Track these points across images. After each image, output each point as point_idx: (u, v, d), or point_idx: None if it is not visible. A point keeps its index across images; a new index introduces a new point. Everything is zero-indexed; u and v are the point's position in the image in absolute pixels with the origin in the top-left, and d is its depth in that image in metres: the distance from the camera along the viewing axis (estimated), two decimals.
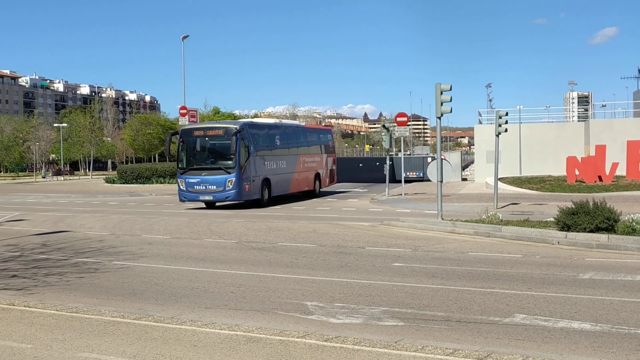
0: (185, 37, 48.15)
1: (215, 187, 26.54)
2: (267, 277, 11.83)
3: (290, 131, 33.37)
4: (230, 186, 26.46)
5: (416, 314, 8.83)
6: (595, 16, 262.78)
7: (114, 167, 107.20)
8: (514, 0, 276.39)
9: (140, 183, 51.71)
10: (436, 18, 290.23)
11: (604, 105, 59.06)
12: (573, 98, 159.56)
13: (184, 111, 41.09)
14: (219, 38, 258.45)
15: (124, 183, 52.55)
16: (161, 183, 50.99)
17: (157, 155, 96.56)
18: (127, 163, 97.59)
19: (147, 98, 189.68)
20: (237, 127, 27.15)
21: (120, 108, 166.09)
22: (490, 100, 74.07)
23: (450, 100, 19.40)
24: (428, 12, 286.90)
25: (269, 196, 29.24)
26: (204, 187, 26.72)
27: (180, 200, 27.80)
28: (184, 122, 40.05)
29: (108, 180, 56.76)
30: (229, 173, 26.57)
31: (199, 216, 24.26)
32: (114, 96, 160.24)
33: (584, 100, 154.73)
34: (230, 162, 26.81)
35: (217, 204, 28.02)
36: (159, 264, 13.56)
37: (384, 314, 8.83)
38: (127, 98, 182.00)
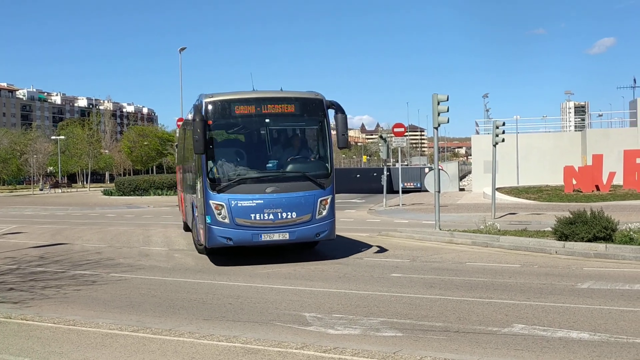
0: (182, 50, 48.28)
1: (294, 214, 14.12)
2: (265, 289, 11.81)
3: None
4: (324, 212, 14.43)
5: (414, 325, 8.81)
6: (593, 26, 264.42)
7: (111, 179, 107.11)
8: (514, 10, 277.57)
9: (138, 195, 51.68)
10: (432, 27, 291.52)
11: (600, 115, 59.20)
12: (570, 108, 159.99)
13: (181, 123, 41.09)
14: (216, 48, 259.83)
15: (121, 195, 52.52)
16: (159, 195, 50.98)
17: (154, 167, 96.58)
18: (124, 175, 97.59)
19: (145, 110, 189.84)
20: (321, 97, 14.81)
21: (118, 120, 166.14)
22: (487, 111, 74.17)
23: (447, 111, 19.43)
24: (420, 20, 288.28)
25: None
26: (271, 217, 14.02)
27: (210, 245, 14.45)
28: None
29: (106, 193, 56.77)
30: (321, 186, 14.47)
31: None
32: (111, 108, 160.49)
33: (580, 110, 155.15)
34: (319, 163, 14.85)
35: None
36: (156, 276, 13.53)
37: (382, 325, 8.81)
38: (124, 110, 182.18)
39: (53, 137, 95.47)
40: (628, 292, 10.62)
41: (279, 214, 14.08)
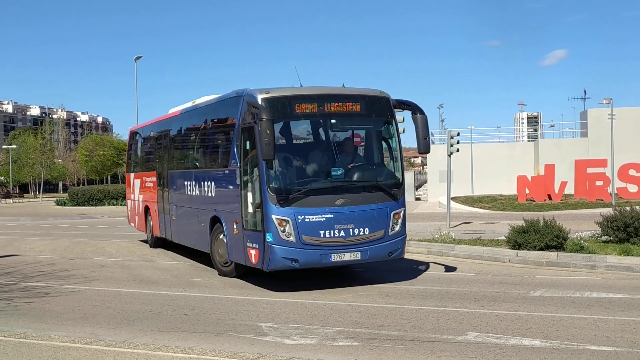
0: (137, 58, 47.86)
1: (367, 230, 12.19)
2: (221, 299, 11.76)
3: None
4: (397, 227, 12.64)
5: (370, 334, 8.86)
6: (546, 38, 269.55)
7: (65, 189, 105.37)
8: (469, 22, 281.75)
9: (92, 205, 50.97)
10: (383, 35, 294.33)
11: (552, 126, 60.38)
12: (523, 118, 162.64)
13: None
14: (173, 55, 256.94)
15: (75, 205, 51.75)
16: (113, 205, 50.34)
17: (109, 177, 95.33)
18: (78, 185, 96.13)
19: (100, 119, 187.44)
20: (387, 95, 13.06)
21: (72, 129, 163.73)
22: (443, 121, 75.10)
23: (403, 121, 19.63)
24: (374, 26, 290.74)
25: None
26: (342, 234, 12.01)
27: (270, 268, 12.03)
28: None
29: (59, 203, 55.87)
30: (393, 197, 12.67)
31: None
32: (65, 117, 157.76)
33: (533, 121, 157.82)
34: (390, 171, 13.04)
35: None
36: (111, 287, 13.36)
37: (338, 334, 8.85)
38: (78, 119, 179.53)
39: (4, 147, 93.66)
40: (579, 300, 10.84)
41: (351, 230, 12.04)
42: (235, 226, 13.01)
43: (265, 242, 11.79)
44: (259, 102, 11.80)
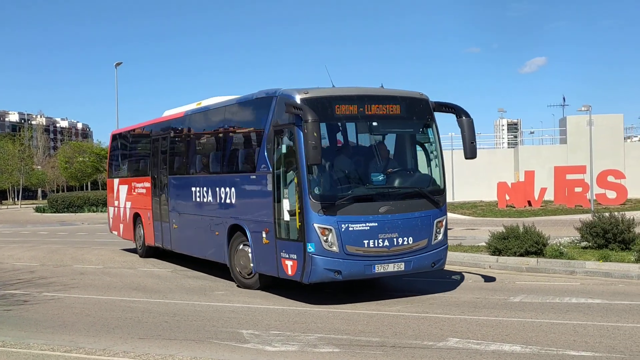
0: (118, 64, 47.72)
1: (411, 240, 11.62)
2: (202, 306, 11.72)
3: None
4: (440, 236, 12.13)
5: (351, 340, 8.88)
6: (525, 46, 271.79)
7: (44, 196, 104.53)
8: (447, 29, 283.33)
9: (71, 212, 50.61)
10: (363, 40, 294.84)
11: (532, 132, 60.94)
12: (503, 125, 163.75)
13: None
14: (154, 60, 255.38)
15: (54, 212, 51.35)
16: (93, 212, 50.02)
17: (89, 184, 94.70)
18: (58, 192, 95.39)
19: (79, 125, 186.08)
20: (426, 96, 12.57)
21: (52, 135, 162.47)
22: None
23: None
24: (353, 32, 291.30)
25: None
26: (386, 244, 11.38)
27: (311, 280, 11.22)
28: None
29: (38, 210, 55.40)
30: (436, 204, 12.13)
31: (132, 245, 23.84)
32: (44, 123, 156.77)
33: (513, 128, 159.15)
34: (432, 176, 12.45)
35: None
36: (91, 295, 13.27)
37: (319, 341, 8.85)
38: (58, 125, 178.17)
39: None
40: (558, 305, 10.92)
41: (395, 239, 11.41)
42: (264, 235, 12.16)
43: (306, 252, 11.02)
44: (299, 102, 11.08)
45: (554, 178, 34.58)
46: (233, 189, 13.56)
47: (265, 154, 12.10)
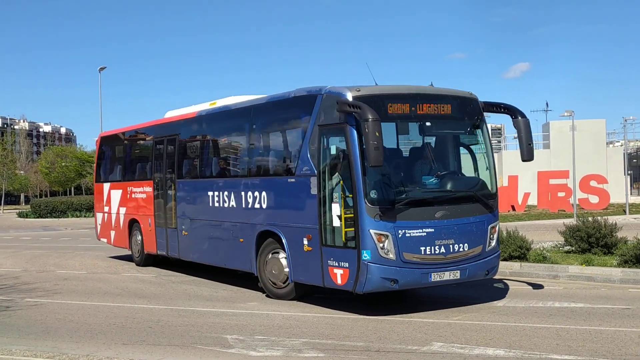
0: (102, 69, 47.48)
1: (466, 246, 11.08)
2: (186, 311, 11.68)
3: None
4: (493, 242, 11.63)
5: (336, 345, 8.89)
6: (509, 51, 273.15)
7: (27, 201, 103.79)
8: (431, 34, 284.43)
9: (55, 217, 50.27)
10: (348, 44, 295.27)
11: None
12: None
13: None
14: (138, 63, 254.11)
15: (38, 217, 50.97)
16: (77, 217, 49.72)
17: (72, 189, 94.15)
18: (41, 197, 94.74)
19: (63, 130, 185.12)
20: (475, 96, 12.07)
21: (35, 140, 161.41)
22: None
23: None
24: (337, 33, 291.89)
25: None
26: (442, 250, 10.83)
27: (365, 290, 10.59)
28: None
29: (21, 215, 54.94)
30: (490, 209, 11.64)
31: (115, 250, 23.72)
32: (27, 128, 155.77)
33: (497, 133, 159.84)
34: (484, 180, 11.94)
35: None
36: (74, 300, 13.19)
37: (304, 346, 8.85)
38: (41, 130, 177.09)
39: None
40: (541, 309, 10.99)
41: (451, 246, 10.83)
42: (306, 242, 11.42)
43: (361, 260, 10.34)
44: (352, 100, 10.46)
45: (537, 183, 34.78)
46: (264, 194, 12.73)
47: (308, 155, 11.35)
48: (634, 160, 70.01)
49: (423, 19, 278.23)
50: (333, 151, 11.13)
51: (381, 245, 10.35)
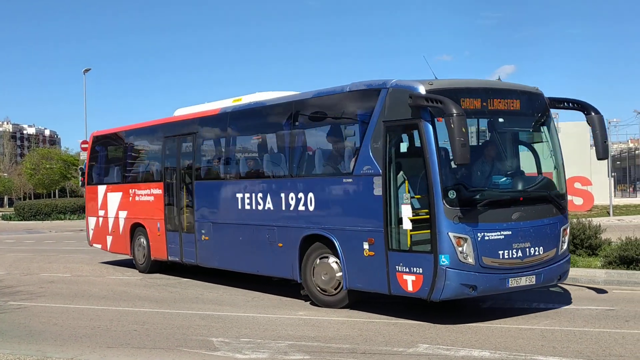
0: (86, 71, 47.27)
1: (541, 249, 10.49)
2: (172, 314, 11.64)
3: None
4: (565, 245, 11.07)
5: (322, 347, 8.88)
6: (495, 54, 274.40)
7: (11, 204, 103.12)
8: (417, 36, 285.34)
9: (39, 220, 49.89)
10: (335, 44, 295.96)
11: None
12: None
13: (86, 145, 40.01)
14: (123, 63, 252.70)
15: (21, 220, 50.57)
16: (61, 219, 49.38)
17: (57, 191, 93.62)
18: (25, 199, 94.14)
19: (47, 132, 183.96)
20: (540, 91, 11.43)
21: (19, 142, 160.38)
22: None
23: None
24: (326, 31, 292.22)
25: None
26: (519, 254, 10.23)
27: (442, 297, 9.89)
28: (86, 157, 38.79)
29: (4, 217, 54.51)
30: (562, 210, 11.06)
31: (100, 253, 23.56)
32: (11, 130, 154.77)
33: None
34: (554, 180, 11.35)
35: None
36: (58, 303, 13.11)
37: (290, 348, 8.84)
38: (25, 132, 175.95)
39: None
40: (526, 311, 11.03)
41: (527, 249, 10.25)
42: (367, 246, 10.67)
43: (438, 265, 9.66)
44: (426, 94, 9.80)
45: None
46: (310, 195, 11.83)
47: (371, 153, 10.56)
48: (618, 163, 70.65)
49: (407, 21, 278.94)
50: (403, 149, 10.53)
51: (460, 249, 9.70)
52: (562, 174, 11.23)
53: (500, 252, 9.97)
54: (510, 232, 10.06)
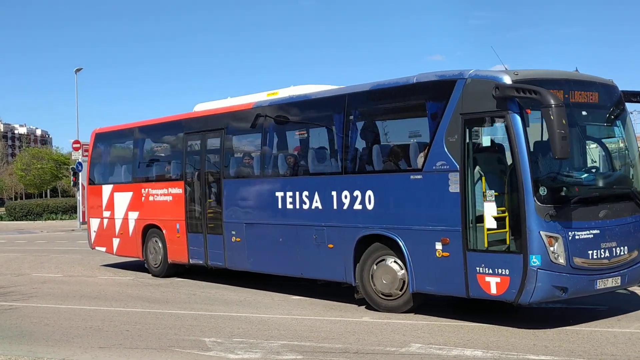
0: (78, 70, 47.07)
1: (626, 249, 9.98)
2: (164, 314, 11.62)
3: None
4: None
5: (315, 347, 8.88)
6: (487, 54, 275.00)
7: (2, 204, 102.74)
8: (409, 36, 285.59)
9: (30, 220, 49.72)
10: (330, 45, 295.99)
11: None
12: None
13: (77, 145, 39.92)
14: (114, 66, 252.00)
15: (13, 220, 50.38)
16: (53, 219, 49.24)
17: (48, 191, 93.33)
18: (16, 199, 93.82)
19: (38, 132, 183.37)
20: (615, 84, 10.90)
21: (10, 142, 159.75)
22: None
23: None
24: (319, 35, 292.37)
25: None
26: (606, 254, 9.70)
27: (531, 301, 9.42)
28: (77, 156, 38.76)
29: None
30: None
31: (92, 253, 23.47)
32: (2, 130, 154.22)
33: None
34: (633, 176, 10.76)
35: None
36: (50, 304, 13.07)
37: (282, 348, 8.84)
38: (16, 132, 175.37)
39: None
40: (518, 310, 11.04)
41: (614, 249, 9.72)
42: (440, 247, 10.06)
43: (529, 266, 9.12)
44: (513, 85, 9.32)
45: None
46: (369, 193, 11.10)
47: (445, 148, 9.91)
48: None
49: (398, 20, 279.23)
50: (486, 143, 9.96)
51: (552, 249, 9.18)
52: (638, 170, 10.63)
53: (590, 252, 9.49)
54: (598, 231, 9.57)
